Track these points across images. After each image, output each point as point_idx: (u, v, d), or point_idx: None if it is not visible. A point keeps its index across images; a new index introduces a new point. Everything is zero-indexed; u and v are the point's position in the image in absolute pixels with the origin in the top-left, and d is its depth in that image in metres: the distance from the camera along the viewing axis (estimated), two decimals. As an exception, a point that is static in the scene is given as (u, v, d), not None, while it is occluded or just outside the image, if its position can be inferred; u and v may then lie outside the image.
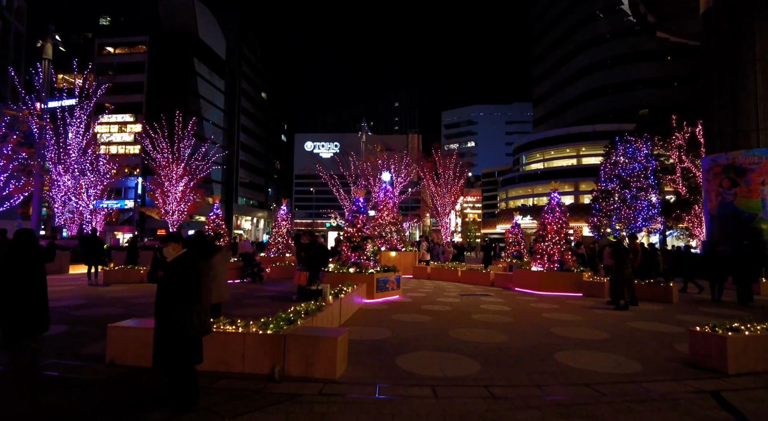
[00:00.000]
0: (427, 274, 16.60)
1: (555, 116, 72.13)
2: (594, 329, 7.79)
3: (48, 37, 17.98)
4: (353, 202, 11.55)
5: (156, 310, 3.78)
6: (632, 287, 10.36)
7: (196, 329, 3.70)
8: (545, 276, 12.80)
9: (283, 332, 4.94)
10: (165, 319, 3.70)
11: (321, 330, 5.35)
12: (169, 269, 3.75)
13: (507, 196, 72.29)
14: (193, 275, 3.77)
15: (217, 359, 4.91)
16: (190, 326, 3.66)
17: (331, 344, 4.80)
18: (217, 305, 6.29)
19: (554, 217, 13.48)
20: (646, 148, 26.38)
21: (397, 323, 7.90)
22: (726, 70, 20.21)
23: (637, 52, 58.94)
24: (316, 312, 6.21)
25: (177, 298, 3.69)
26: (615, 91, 61.22)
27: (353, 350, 5.92)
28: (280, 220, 21.08)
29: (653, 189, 26.25)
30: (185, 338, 3.69)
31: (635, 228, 25.63)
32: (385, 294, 10.70)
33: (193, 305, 3.73)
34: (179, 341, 3.68)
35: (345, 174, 38.33)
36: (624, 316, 9.16)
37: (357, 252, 10.93)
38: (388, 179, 18.44)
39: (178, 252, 3.85)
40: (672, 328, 7.99)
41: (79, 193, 21.84)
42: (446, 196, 34.95)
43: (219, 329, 5.05)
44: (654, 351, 6.32)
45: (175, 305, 3.67)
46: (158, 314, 3.76)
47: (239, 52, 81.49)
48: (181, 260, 3.80)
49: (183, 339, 3.68)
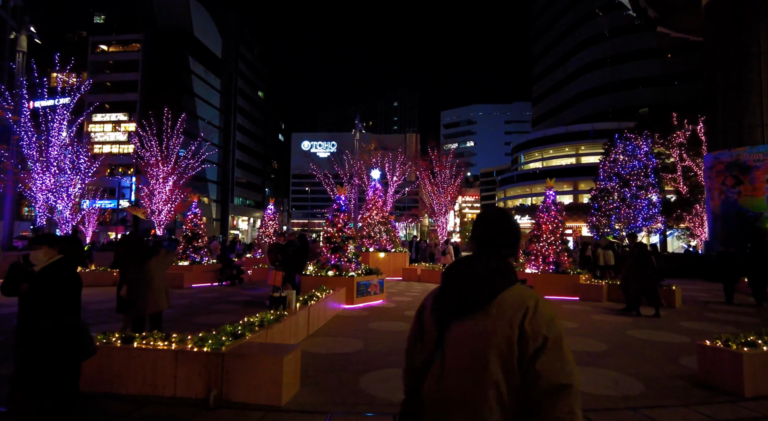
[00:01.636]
0: (417, 276, 15.84)
1: (554, 115, 71.36)
2: (590, 338, 7.05)
3: (23, 28, 17.25)
4: (334, 201, 10.81)
5: (19, 328, 3.03)
6: (657, 291, 9.41)
7: (76, 350, 2.97)
8: (539, 279, 12.07)
9: (224, 350, 4.21)
10: (33, 338, 2.96)
11: (271, 347, 4.60)
12: (38, 280, 3.01)
13: (505, 195, 71.53)
14: (70, 286, 3.03)
15: (145, 380, 4.18)
16: (68, 347, 2.92)
17: (275, 364, 4.06)
18: (158, 315, 5.55)
19: (549, 216, 12.75)
20: (647, 146, 25.59)
21: (373, 333, 7.16)
22: (729, 65, 19.48)
23: (637, 50, 58.16)
24: (273, 323, 5.48)
25: (48, 314, 2.95)
26: (615, 90, 60.42)
27: (314, 366, 5.20)
28: (267, 219, 20.36)
29: (654, 188, 25.47)
30: (61, 361, 2.95)
31: (635, 228, 24.88)
32: (367, 299, 9.96)
33: (69, 321, 2.99)
34: (54, 363, 2.94)
35: (339, 173, 37.57)
36: (623, 323, 8.42)
37: (337, 253, 10.19)
38: (378, 177, 17.70)
39: (53, 258, 3.11)
40: (677, 338, 7.26)
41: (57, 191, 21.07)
42: (443, 195, 34.20)
43: (149, 345, 4.31)
44: (657, 367, 5.58)
45: (46, 321, 2.93)
46: (23, 333, 3.01)
47: (236, 50, 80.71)
48: (55, 267, 3.05)
49: (59, 361, 2.94)
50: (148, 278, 5.27)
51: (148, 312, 5.28)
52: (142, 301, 5.22)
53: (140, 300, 5.26)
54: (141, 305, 5.22)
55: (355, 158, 34.01)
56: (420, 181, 35.97)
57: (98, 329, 4.87)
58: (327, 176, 36.90)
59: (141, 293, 5.26)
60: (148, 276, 5.27)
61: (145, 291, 5.23)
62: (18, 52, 17.38)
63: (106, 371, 4.20)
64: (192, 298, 10.70)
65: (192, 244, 13.97)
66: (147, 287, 5.24)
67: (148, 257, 5.36)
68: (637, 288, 9.30)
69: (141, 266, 5.26)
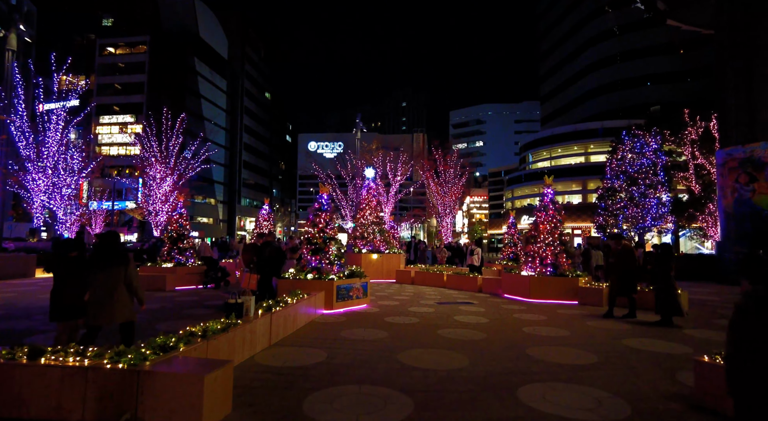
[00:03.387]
0: (411, 278, 15.22)
1: (563, 114, 70.20)
2: (580, 348, 6.41)
3: (12, 27, 17.01)
4: (316, 200, 10.28)
5: None
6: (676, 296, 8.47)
7: None
8: (536, 281, 11.40)
9: (146, 366, 3.68)
10: None
11: (196, 362, 4.02)
12: None
13: (513, 195, 70.49)
14: None
15: (49, 403, 3.66)
16: None
17: (193, 383, 3.51)
18: (129, 325, 5.06)
19: (547, 215, 12.07)
20: (656, 143, 24.69)
21: (342, 343, 6.60)
22: (741, 57, 18.60)
23: (647, 46, 56.87)
24: (219, 333, 4.94)
25: None
26: (625, 87, 59.15)
27: (262, 382, 4.66)
28: (262, 220, 19.93)
29: (663, 186, 24.53)
30: None
31: (643, 228, 24.01)
32: (348, 303, 9.40)
33: None
34: None
35: (342, 173, 37.12)
36: (621, 331, 7.76)
37: (318, 255, 9.65)
38: (372, 176, 17.14)
39: None
40: (678, 348, 6.58)
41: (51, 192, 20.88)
42: (447, 195, 33.55)
43: (58, 361, 3.80)
44: (650, 383, 4.93)
45: None
46: None
47: (242, 51, 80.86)
48: None
49: None
50: (111, 285, 4.82)
51: (104, 323, 4.83)
52: (101, 311, 4.77)
53: (97, 309, 4.81)
54: (95, 315, 4.78)
55: (357, 158, 33.50)
56: (424, 180, 35.36)
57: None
58: (329, 177, 36.48)
59: (100, 301, 4.80)
60: (112, 284, 4.82)
61: (108, 300, 4.77)
62: (7, 52, 17.13)
63: (5, 391, 3.69)
64: (168, 301, 10.24)
65: (177, 245, 13.55)
66: (109, 295, 4.79)
67: (117, 262, 4.90)
68: (670, 294, 8.30)
69: (106, 272, 4.82)
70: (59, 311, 5.18)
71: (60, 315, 5.19)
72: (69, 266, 5.24)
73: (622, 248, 9.19)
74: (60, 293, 5.16)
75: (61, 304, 5.16)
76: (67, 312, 5.17)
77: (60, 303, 5.17)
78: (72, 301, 5.13)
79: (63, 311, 5.17)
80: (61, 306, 5.16)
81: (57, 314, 5.19)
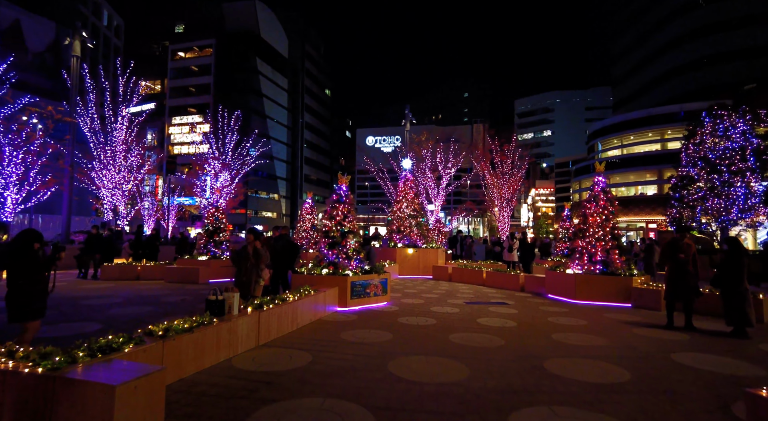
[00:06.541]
0: (448, 275, 14.32)
1: (638, 98, 64.45)
2: (612, 362, 5.35)
3: (76, 34, 18.18)
4: (334, 191, 9.79)
5: None
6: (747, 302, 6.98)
7: None
8: (582, 280, 10.13)
9: (59, 372, 3.33)
10: None
11: (124, 369, 3.58)
12: None
13: (580, 187, 66.00)
14: None
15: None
16: None
17: (105, 395, 3.09)
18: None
19: (598, 207, 10.71)
20: (743, 124, 21.52)
21: (336, 345, 6.03)
22: None
23: (738, 17, 50.42)
24: (182, 333, 4.56)
25: None
26: (709, 65, 52.90)
27: (217, 391, 4.20)
28: (305, 213, 19.91)
29: (754, 173, 21.32)
30: None
31: (728, 221, 21.10)
32: (365, 301, 8.82)
33: None
34: None
35: (394, 167, 36.55)
36: (672, 343, 6.49)
37: (335, 249, 9.16)
38: (409, 167, 16.38)
39: None
40: (745, 368, 5.30)
41: (113, 189, 22.35)
42: (504, 187, 31.89)
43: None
44: (693, 416, 3.86)
45: None
46: None
47: (302, 49, 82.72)
48: None
49: None
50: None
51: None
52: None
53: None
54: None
55: (407, 151, 32.75)
56: (478, 171, 33.84)
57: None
58: (381, 171, 36.05)
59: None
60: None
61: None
62: (72, 58, 18.33)
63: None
64: (190, 294, 10.24)
65: (213, 238, 13.73)
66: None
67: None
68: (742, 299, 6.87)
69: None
70: (29, 310, 4.90)
71: (25, 315, 4.90)
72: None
73: (670, 241, 7.75)
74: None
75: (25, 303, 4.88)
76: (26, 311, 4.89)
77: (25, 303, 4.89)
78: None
79: (32, 310, 4.90)
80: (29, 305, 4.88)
81: (23, 314, 4.89)
